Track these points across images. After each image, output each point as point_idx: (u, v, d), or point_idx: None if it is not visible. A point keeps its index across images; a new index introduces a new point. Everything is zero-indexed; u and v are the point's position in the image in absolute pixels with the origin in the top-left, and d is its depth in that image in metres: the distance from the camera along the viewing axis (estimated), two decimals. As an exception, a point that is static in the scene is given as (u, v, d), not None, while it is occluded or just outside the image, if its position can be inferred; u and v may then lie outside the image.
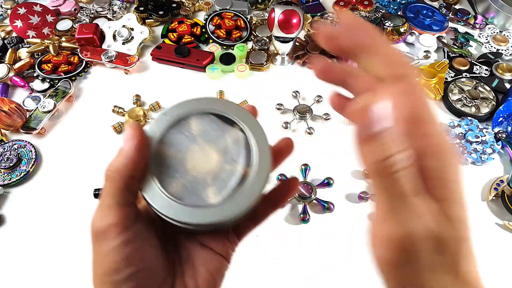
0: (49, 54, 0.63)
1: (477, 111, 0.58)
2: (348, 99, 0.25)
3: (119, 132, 0.55)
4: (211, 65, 0.63)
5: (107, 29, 0.67)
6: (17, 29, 0.66)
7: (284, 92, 0.61)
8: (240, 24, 0.70)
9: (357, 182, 0.51)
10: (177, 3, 0.72)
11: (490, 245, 0.46)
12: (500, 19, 0.71)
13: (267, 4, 0.74)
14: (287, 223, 0.47)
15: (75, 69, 0.63)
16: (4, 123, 0.53)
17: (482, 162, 0.52)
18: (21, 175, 0.50)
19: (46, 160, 0.53)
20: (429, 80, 0.61)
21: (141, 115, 0.56)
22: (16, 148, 0.53)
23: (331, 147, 0.55)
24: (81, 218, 0.49)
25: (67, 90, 0.59)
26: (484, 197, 0.50)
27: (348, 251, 0.45)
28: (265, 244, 0.45)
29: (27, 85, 0.61)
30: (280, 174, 0.50)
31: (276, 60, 0.65)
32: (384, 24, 0.66)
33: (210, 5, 0.73)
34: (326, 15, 0.73)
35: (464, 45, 0.68)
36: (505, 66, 0.62)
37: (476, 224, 0.47)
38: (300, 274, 0.43)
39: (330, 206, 0.48)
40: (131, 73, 0.63)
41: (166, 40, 0.67)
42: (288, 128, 0.55)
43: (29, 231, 0.46)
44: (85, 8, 0.74)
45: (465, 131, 0.54)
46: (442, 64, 0.63)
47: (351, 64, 0.28)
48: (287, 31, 0.58)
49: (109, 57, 0.62)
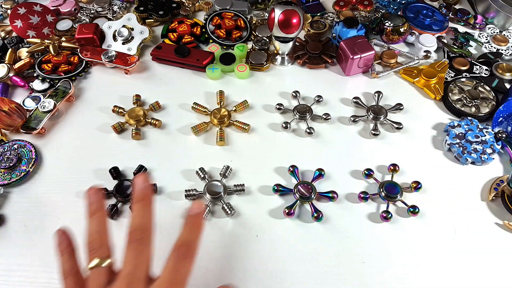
0: (49, 54, 0.64)
1: (477, 111, 0.58)
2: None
3: (119, 132, 0.55)
4: (211, 65, 0.63)
5: (107, 29, 0.67)
6: (17, 29, 0.66)
7: (284, 92, 0.61)
8: (240, 24, 0.70)
9: (357, 182, 0.51)
10: (177, 3, 0.72)
11: (490, 245, 0.46)
12: (500, 19, 0.71)
13: (267, 4, 0.74)
14: (295, 225, 0.47)
15: (75, 69, 0.63)
16: (4, 123, 0.53)
17: (482, 162, 0.52)
18: (21, 175, 0.50)
19: (46, 160, 0.53)
20: (429, 80, 0.61)
21: (141, 115, 0.56)
22: (16, 148, 0.53)
23: (331, 147, 0.55)
24: (81, 218, 0.49)
25: (67, 90, 0.59)
26: (484, 197, 0.50)
27: (347, 251, 0.45)
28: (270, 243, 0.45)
29: (27, 85, 0.61)
30: (276, 185, 0.50)
31: (276, 60, 0.65)
32: (384, 24, 0.66)
33: (210, 5, 0.73)
34: (326, 15, 0.73)
35: (464, 45, 0.68)
36: (505, 66, 0.62)
37: (476, 224, 0.47)
38: (300, 274, 0.43)
39: (334, 196, 0.48)
40: (131, 73, 0.63)
41: (166, 40, 0.68)
42: (288, 128, 0.55)
43: (29, 231, 0.46)
44: (85, 8, 0.74)
45: (465, 131, 0.54)
46: (442, 64, 0.63)
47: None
48: (287, 31, 0.58)
49: (109, 57, 0.62)
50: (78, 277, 0.35)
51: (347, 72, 0.63)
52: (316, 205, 0.48)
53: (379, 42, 0.68)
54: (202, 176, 0.50)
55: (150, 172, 0.51)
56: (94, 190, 0.38)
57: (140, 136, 0.55)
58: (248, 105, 0.58)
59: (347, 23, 0.64)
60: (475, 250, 0.45)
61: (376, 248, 0.45)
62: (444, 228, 0.47)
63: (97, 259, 0.34)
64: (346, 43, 0.61)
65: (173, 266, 0.33)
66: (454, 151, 0.53)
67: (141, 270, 0.33)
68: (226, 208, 0.47)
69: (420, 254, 0.45)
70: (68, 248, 0.37)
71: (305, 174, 0.51)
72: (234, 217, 0.47)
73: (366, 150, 0.54)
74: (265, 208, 0.48)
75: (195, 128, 0.55)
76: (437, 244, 0.45)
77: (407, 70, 0.63)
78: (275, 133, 0.56)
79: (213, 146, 0.54)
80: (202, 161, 0.52)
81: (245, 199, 0.49)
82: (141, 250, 0.34)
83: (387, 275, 0.43)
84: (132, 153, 0.53)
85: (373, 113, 0.57)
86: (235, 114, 0.58)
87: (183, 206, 0.48)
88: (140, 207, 0.36)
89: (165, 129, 0.56)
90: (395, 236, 0.46)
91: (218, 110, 0.56)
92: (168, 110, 0.59)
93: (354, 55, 0.60)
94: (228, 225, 0.47)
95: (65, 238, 0.38)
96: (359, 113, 0.58)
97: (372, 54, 0.61)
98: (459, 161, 0.53)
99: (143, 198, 0.37)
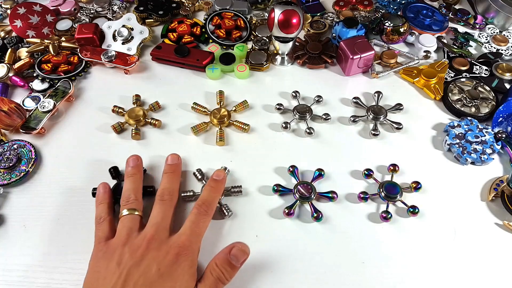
0: (49, 54, 0.63)
1: (477, 111, 0.58)
2: None
3: (118, 132, 0.55)
4: (211, 65, 0.63)
5: (107, 29, 0.67)
6: (16, 29, 0.66)
7: (284, 92, 0.61)
8: (240, 24, 0.70)
9: (357, 182, 0.51)
10: (177, 3, 0.72)
11: (490, 245, 0.46)
12: (500, 19, 0.71)
13: (267, 4, 0.74)
14: (295, 225, 0.47)
15: (75, 69, 0.63)
16: (4, 123, 0.53)
17: (482, 162, 0.52)
18: (21, 175, 0.50)
19: (46, 160, 0.53)
20: (429, 80, 0.61)
21: (140, 115, 0.56)
22: (16, 148, 0.53)
23: (330, 147, 0.55)
24: (81, 218, 0.49)
25: (66, 90, 0.59)
26: (484, 197, 0.50)
27: (347, 251, 0.45)
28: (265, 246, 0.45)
29: (27, 85, 0.61)
30: (276, 185, 0.50)
31: (276, 60, 0.65)
32: (384, 24, 0.66)
33: (210, 5, 0.73)
34: (326, 15, 0.73)
35: (464, 45, 0.68)
36: (505, 66, 0.62)
37: (476, 224, 0.47)
38: (300, 274, 0.43)
39: (334, 196, 0.48)
40: (131, 73, 0.63)
41: (166, 40, 0.68)
42: (288, 128, 0.55)
43: (29, 231, 0.46)
44: (84, 8, 0.74)
45: (465, 131, 0.54)
46: (442, 64, 0.63)
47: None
48: (287, 31, 0.58)
49: (109, 57, 0.62)
50: (111, 223, 0.42)
51: (347, 72, 0.63)
52: (316, 205, 0.48)
53: (379, 42, 0.68)
54: (200, 177, 0.50)
55: (150, 172, 0.51)
56: (135, 156, 0.49)
57: (139, 136, 0.55)
58: (248, 105, 0.58)
59: (347, 23, 0.64)
60: (475, 250, 0.45)
61: (376, 248, 0.45)
62: (444, 228, 0.47)
63: (128, 210, 0.42)
64: (346, 43, 0.61)
65: (195, 219, 0.41)
66: (454, 151, 0.53)
67: (167, 222, 0.41)
68: (224, 210, 0.46)
69: (420, 254, 0.45)
70: (107, 199, 0.45)
71: (305, 174, 0.51)
72: (234, 217, 0.47)
73: (366, 150, 0.54)
74: (265, 208, 0.48)
75: (195, 128, 0.55)
76: (437, 244, 0.45)
77: (407, 70, 0.63)
78: (275, 133, 0.56)
79: (213, 146, 0.54)
80: (202, 161, 0.52)
81: (245, 199, 0.49)
82: (167, 207, 0.42)
83: (387, 275, 0.43)
84: (132, 153, 0.53)
85: (373, 113, 0.57)
86: (235, 114, 0.58)
87: (182, 206, 0.48)
88: (171, 176, 0.46)
89: (165, 129, 0.56)
90: (395, 236, 0.46)
91: (218, 110, 0.56)
92: (168, 110, 0.59)
93: (354, 55, 0.60)
94: (228, 225, 0.47)
95: (106, 191, 0.46)
96: (359, 113, 0.58)
97: (372, 54, 0.61)
98: (459, 161, 0.53)
99: (174, 170, 0.47)
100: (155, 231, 0.39)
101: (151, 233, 0.39)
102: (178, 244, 0.39)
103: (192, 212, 0.42)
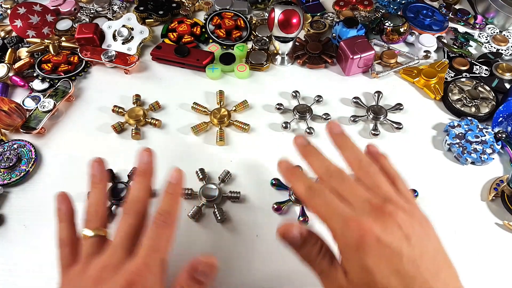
0: (49, 54, 0.63)
1: (477, 111, 0.58)
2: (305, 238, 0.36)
3: (119, 132, 0.55)
4: (211, 65, 0.63)
5: (107, 29, 0.67)
6: (16, 29, 0.66)
7: (284, 92, 0.61)
8: (240, 24, 0.70)
9: (357, 182, 0.51)
10: (177, 3, 0.72)
11: (490, 245, 0.46)
12: (500, 19, 0.71)
13: (267, 4, 0.74)
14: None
15: (75, 68, 0.63)
16: (4, 122, 0.53)
17: (482, 162, 0.52)
18: (21, 174, 0.50)
19: (46, 160, 0.53)
20: (429, 80, 0.61)
21: (141, 115, 0.56)
22: (16, 148, 0.53)
23: (330, 147, 0.55)
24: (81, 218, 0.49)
25: (67, 89, 0.59)
26: (484, 197, 0.50)
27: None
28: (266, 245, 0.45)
29: (27, 84, 0.61)
30: (274, 179, 0.50)
31: (276, 60, 0.65)
32: (384, 24, 0.66)
33: (210, 5, 0.73)
34: (326, 15, 0.73)
35: (464, 45, 0.68)
36: (505, 66, 0.62)
37: (476, 224, 0.47)
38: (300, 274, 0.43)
39: None
40: (131, 73, 0.63)
41: (166, 40, 0.68)
42: (288, 128, 0.55)
43: (29, 231, 0.46)
44: (85, 8, 0.74)
45: (465, 131, 0.54)
46: (442, 64, 0.63)
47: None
48: (287, 31, 0.58)
49: (109, 57, 0.62)
50: (74, 247, 0.36)
51: (347, 72, 0.63)
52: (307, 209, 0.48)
53: (379, 42, 0.68)
54: (201, 177, 0.50)
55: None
56: (98, 161, 0.41)
57: (140, 136, 0.55)
58: (248, 105, 0.58)
59: (347, 23, 0.64)
60: (475, 250, 0.45)
61: (376, 248, 0.45)
62: (444, 228, 0.47)
63: (90, 230, 0.36)
64: (346, 43, 0.61)
65: (152, 234, 0.34)
66: (454, 151, 0.53)
67: (128, 240, 0.34)
68: (217, 214, 0.46)
69: (420, 254, 0.45)
70: (67, 215, 0.38)
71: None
72: (234, 217, 0.47)
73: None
74: (265, 208, 0.48)
75: (195, 128, 0.55)
76: (437, 244, 0.45)
77: (407, 70, 0.63)
78: (275, 133, 0.56)
79: (213, 146, 0.54)
80: (202, 161, 0.52)
81: (244, 199, 0.49)
82: (132, 222, 0.35)
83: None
84: (132, 152, 0.53)
85: (373, 113, 0.57)
86: (235, 114, 0.58)
87: (182, 206, 0.48)
88: (140, 180, 0.38)
89: (165, 129, 0.56)
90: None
91: (218, 110, 0.56)
92: (168, 110, 0.59)
93: (354, 55, 0.60)
94: (228, 225, 0.47)
95: (66, 204, 0.39)
96: (359, 113, 0.58)
97: (372, 54, 0.61)
98: (459, 161, 0.53)
99: (144, 173, 0.39)
100: (111, 255, 0.33)
101: (103, 259, 0.33)
102: (131, 270, 0.32)
103: (151, 225, 0.35)
